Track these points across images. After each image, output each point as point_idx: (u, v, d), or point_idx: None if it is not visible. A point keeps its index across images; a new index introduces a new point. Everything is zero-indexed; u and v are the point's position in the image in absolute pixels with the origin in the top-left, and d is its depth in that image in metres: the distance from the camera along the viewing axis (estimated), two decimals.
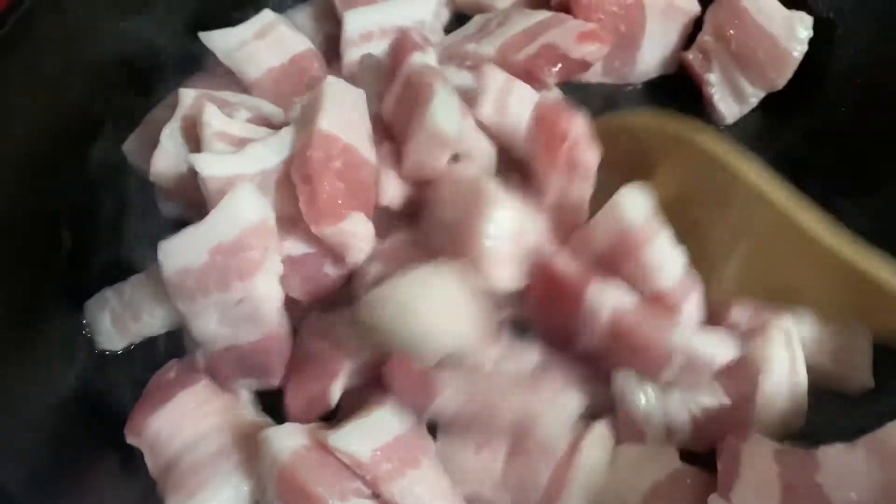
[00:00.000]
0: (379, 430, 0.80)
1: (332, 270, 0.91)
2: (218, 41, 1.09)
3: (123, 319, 0.97)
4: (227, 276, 0.84)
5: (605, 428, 0.84)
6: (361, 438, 0.79)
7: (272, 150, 0.90)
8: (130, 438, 0.88)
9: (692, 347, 0.79)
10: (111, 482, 0.90)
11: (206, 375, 0.90)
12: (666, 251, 0.82)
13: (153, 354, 0.97)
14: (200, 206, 0.89)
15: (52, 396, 0.94)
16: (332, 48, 1.14)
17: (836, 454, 0.80)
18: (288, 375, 0.90)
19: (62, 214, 1.02)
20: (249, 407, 0.91)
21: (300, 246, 0.90)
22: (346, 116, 0.89)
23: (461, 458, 0.84)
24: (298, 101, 1.06)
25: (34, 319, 0.96)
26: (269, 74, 1.09)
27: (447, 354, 0.80)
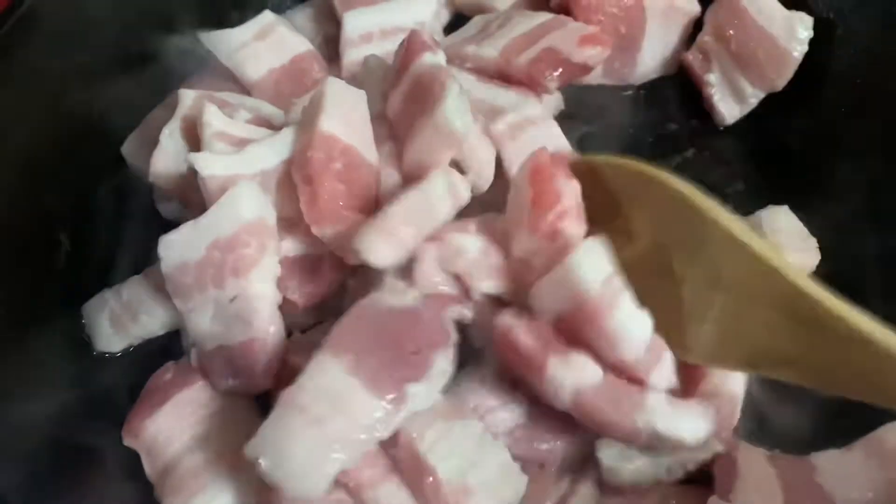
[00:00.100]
0: None
1: (330, 272, 0.90)
2: (218, 42, 1.10)
3: (122, 321, 0.97)
4: (222, 272, 0.84)
5: (593, 484, 0.82)
6: None
7: (272, 150, 0.90)
8: (128, 441, 0.87)
9: (659, 430, 0.76)
10: (108, 485, 0.89)
11: (202, 377, 0.89)
12: (628, 319, 0.75)
13: (151, 356, 0.96)
14: (199, 206, 0.88)
15: (49, 398, 0.93)
16: (331, 49, 1.14)
17: (832, 458, 0.80)
18: (279, 384, 0.87)
19: (61, 216, 1.02)
20: (246, 409, 0.90)
21: (299, 247, 0.90)
22: (346, 117, 0.89)
23: None
24: (298, 101, 1.06)
25: (32, 321, 0.95)
26: (269, 75, 1.09)
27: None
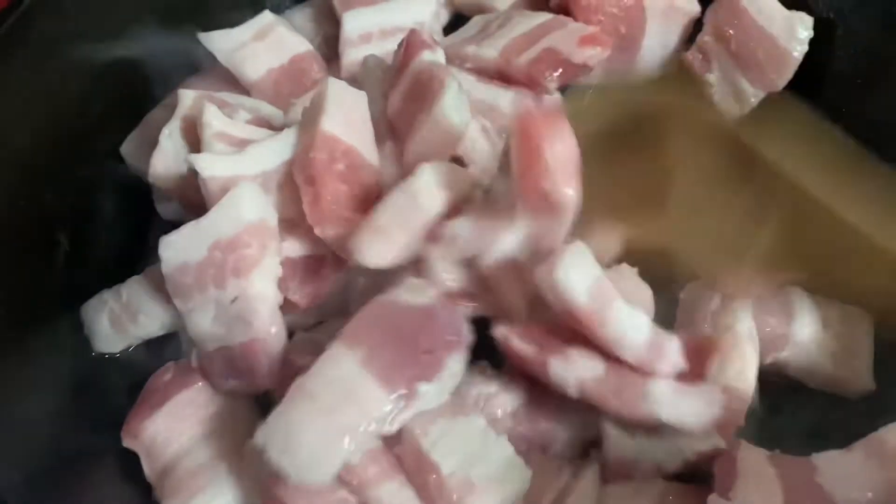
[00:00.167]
0: None
1: (331, 273, 0.90)
2: (217, 42, 1.09)
3: (121, 321, 0.96)
4: (223, 272, 0.84)
5: (594, 473, 0.82)
6: None
7: (273, 151, 0.90)
8: (127, 442, 0.87)
9: (663, 419, 0.76)
10: (107, 485, 0.90)
11: (202, 378, 0.89)
12: (624, 321, 0.76)
13: (150, 357, 0.96)
14: (199, 207, 0.88)
15: (48, 399, 0.93)
16: (331, 49, 1.14)
17: (832, 458, 0.79)
18: (280, 385, 0.87)
19: (60, 216, 1.01)
20: (246, 410, 0.90)
21: (300, 248, 0.89)
22: (347, 118, 0.89)
23: None
24: (298, 102, 1.06)
25: (31, 321, 0.95)
26: (268, 75, 1.08)
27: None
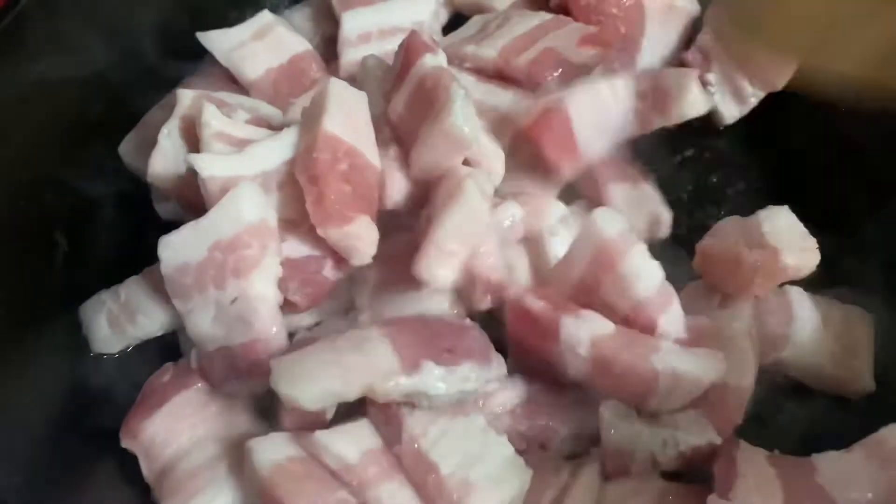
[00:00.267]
0: (368, 434, 0.79)
1: (331, 273, 0.90)
2: (216, 41, 1.09)
3: (119, 322, 0.96)
4: (223, 273, 0.84)
5: (593, 472, 0.83)
6: (350, 440, 0.78)
7: (273, 151, 0.89)
8: (125, 442, 0.87)
9: (676, 369, 0.78)
10: (106, 486, 0.89)
11: (201, 378, 0.89)
12: (642, 261, 0.82)
13: (149, 358, 0.96)
14: (198, 207, 0.88)
15: (47, 399, 0.93)
16: (329, 49, 1.14)
17: (832, 459, 0.80)
18: None
19: (58, 216, 1.01)
20: (245, 410, 0.90)
21: (300, 248, 0.89)
22: (349, 118, 0.89)
23: None
24: (297, 102, 1.06)
25: (29, 322, 0.95)
26: (267, 75, 1.08)
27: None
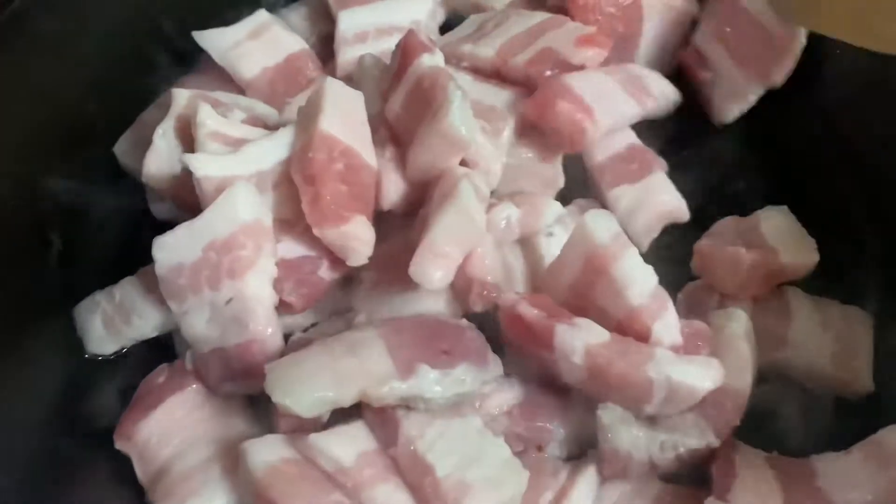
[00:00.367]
0: (364, 436, 0.79)
1: (327, 274, 0.90)
2: (212, 41, 1.09)
3: (114, 323, 0.96)
4: (218, 273, 0.84)
5: (590, 473, 0.83)
6: (345, 442, 0.78)
7: (268, 150, 0.89)
8: (120, 444, 0.87)
9: (671, 378, 0.77)
10: (100, 488, 0.89)
11: (196, 380, 0.89)
12: (636, 266, 0.81)
13: (144, 359, 0.96)
14: (193, 207, 0.88)
15: (41, 401, 0.92)
16: (326, 48, 1.14)
17: (831, 461, 0.80)
18: None
19: (52, 216, 1.01)
20: (240, 412, 0.89)
21: (295, 248, 0.89)
22: (345, 118, 0.89)
23: None
24: (293, 101, 1.06)
25: (23, 322, 0.94)
26: (263, 74, 1.08)
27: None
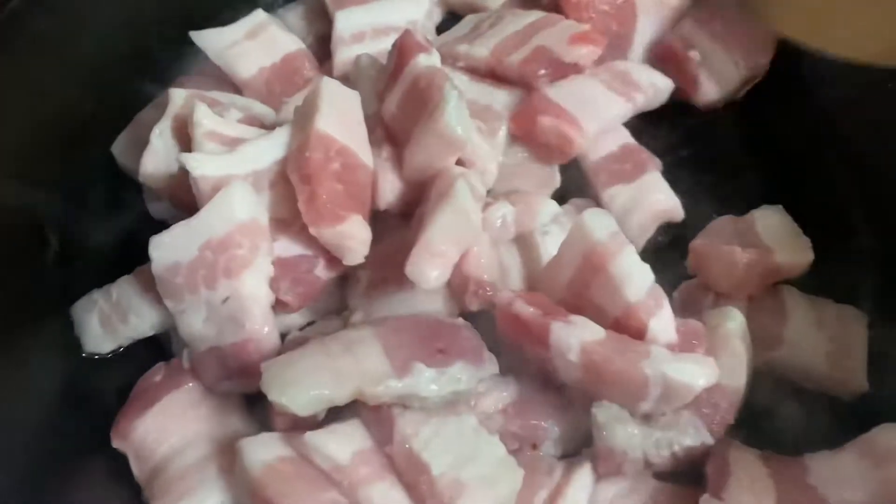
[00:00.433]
0: (360, 435, 0.79)
1: (323, 273, 0.90)
2: (209, 40, 1.09)
3: (111, 322, 0.96)
4: (215, 272, 0.84)
5: (585, 472, 0.83)
6: (341, 441, 0.78)
7: (265, 150, 0.89)
8: (116, 442, 0.87)
9: (666, 375, 0.77)
10: (97, 487, 0.89)
11: (192, 378, 0.89)
12: (633, 263, 0.82)
13: (141, 357, 0.96)
14: (190, 206, 0.88)
15: (38, 399, 0.93)
16: (323, 48, 1.14)
17: (824, 459, 0.80)
18: None
19: (50, 215, 1.01)
20: (236, 410, 0.89)
21: (292, 248, 0.89)
22: (342, 118, 0.89)
23: None
24: (290, 101, 1.06)
25: (20, 321, 0.94)
26: (260, 74, 1.08)
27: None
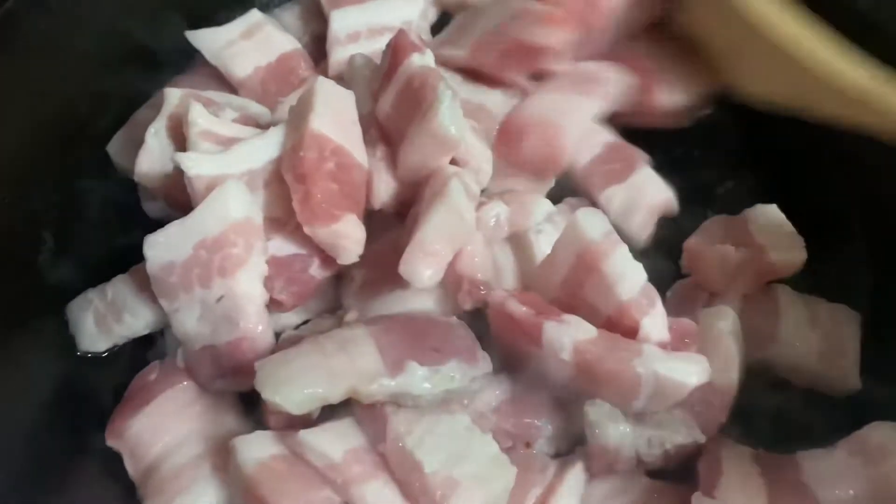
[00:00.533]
0: (353, 433, 0.80)
1: (318, 272, 0.90)
2: (205, 40, 1.09)
3: (106, 321, 0.96)
4: (209, 271, 0.84)
5: (578, 470, 0.83)
6: (334, 439, 0.78)
7: (259, 149, 0.90)
8: (111, 441, 0.87)
9: (658, 374, 0.78)
10: (91, 485, 0.89)
11: (187, 377, 0.89)
12: (626, 262, 0.82)
13: (136, 356, 0.96)
14: (185, 206, 0.88)
15: (32, 398, 0.93)
16: (318, 48, 1.14)
17: (815, 457, 0.81)
18: None
19: (45, 214, 1.01)
20: (230, 409, 0.89)
21: (286, 247, 0.89)
22: (336, 118, 0.89)
23: None
24: (285, 100, 1.06)
25: (15, 320, 0.94)
26: (255, 74, 1.08)
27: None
